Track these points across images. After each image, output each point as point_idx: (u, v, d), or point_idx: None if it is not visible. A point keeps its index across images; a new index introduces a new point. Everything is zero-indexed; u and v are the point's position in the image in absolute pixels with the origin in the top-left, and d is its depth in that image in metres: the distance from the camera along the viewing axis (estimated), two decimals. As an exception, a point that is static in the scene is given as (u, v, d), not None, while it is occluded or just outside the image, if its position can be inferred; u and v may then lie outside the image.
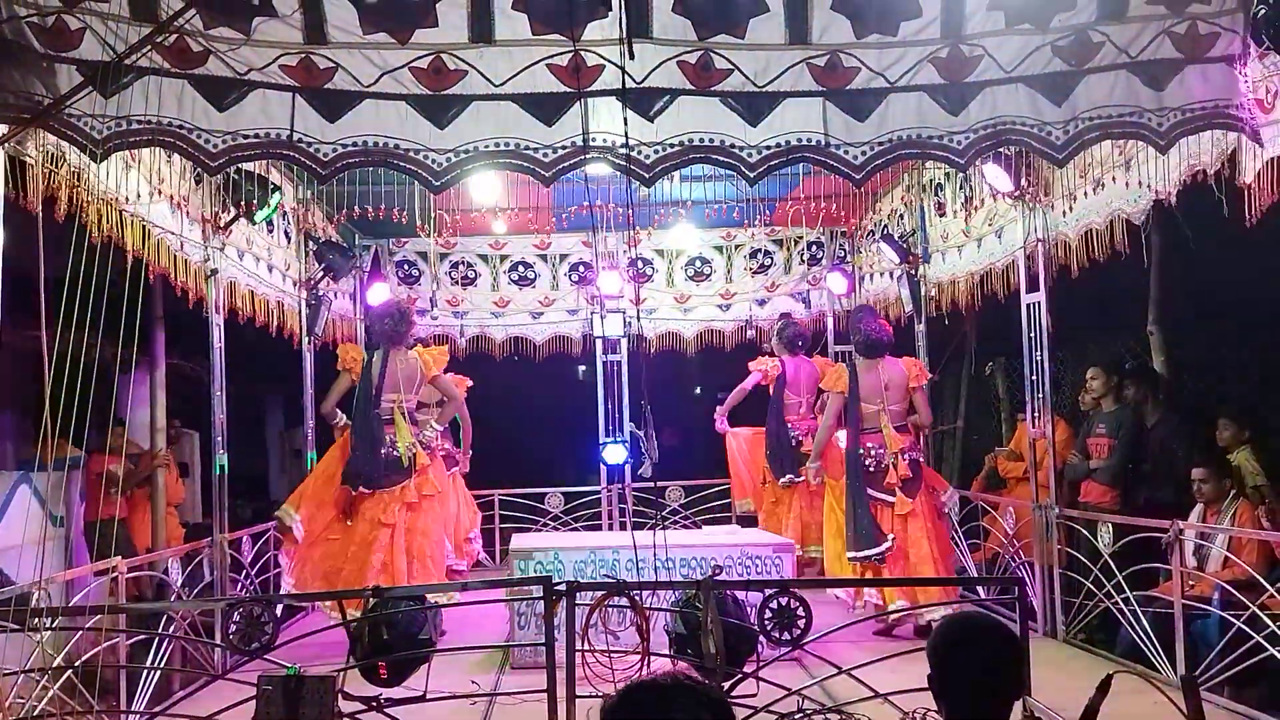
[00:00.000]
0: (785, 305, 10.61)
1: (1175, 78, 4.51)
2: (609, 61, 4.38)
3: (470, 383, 8.32)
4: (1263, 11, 4.28)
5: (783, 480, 8.58)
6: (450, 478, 7.84)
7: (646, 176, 4.60)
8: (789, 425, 8.79)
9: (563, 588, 4.37)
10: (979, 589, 7.28)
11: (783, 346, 9.07)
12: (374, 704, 4.12)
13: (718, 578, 4.64)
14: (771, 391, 9.00)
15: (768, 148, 4.57)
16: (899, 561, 6.70)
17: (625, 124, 4.34)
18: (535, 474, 11.06)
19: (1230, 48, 4.47)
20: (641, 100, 4.46)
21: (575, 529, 10.05)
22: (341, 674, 4.02)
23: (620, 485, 9.80)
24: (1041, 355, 6.79)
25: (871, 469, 6.85)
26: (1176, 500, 6.56)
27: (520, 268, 10.44)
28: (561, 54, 4.39)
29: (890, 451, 6.82)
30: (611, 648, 4.50)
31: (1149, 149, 4.84)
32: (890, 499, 6.78)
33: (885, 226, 9.34)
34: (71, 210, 4.59)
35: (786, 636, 4.60)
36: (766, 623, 4.59)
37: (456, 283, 10.40)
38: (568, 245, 10.39)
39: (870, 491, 6.81)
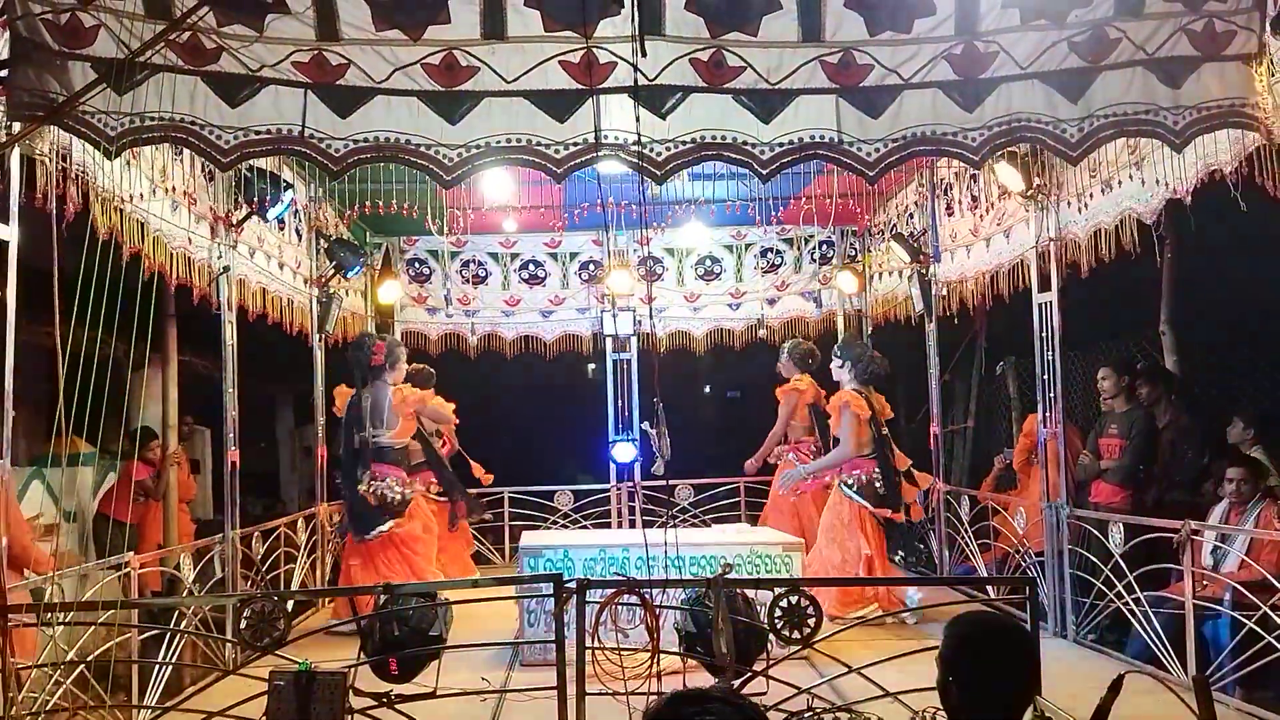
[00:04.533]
0: (795, 304, 10.60)
1: (1192, 75, 4.48)
2: (621, 59, 4.37)
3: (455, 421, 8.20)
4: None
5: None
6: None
7: (658, 174, 4.58)
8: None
9: (573, 585, 4.37)
10: (989, 589, 7.26)
11: (794, 367, 8.82)
12: (385, 700, 4.13)
13: (728, 576, 4.63)
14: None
15: (780, 145, 4.55)
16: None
17: (637, 121, 4.33)
18: (545, 472, 11.07)
19: (1246, 46, 4.44)
20: (653, 97, 4.45)
21: (585, 527, 10.05)
22: (353, 670, 4.02)
23: (630, 483, 9.80)
24: (1053, 355, 6.77)
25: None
26: (1189, 500, 6.54)
27: (531, 266, 10.44)
28: (574, 51, 4.38)
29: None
30: (621, 645, 4.50)
31: (1162, 148, 4.82)
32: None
33: (895, 225, 9.33)
34: (82, 208, 4.61)
35: (796, 635, 4.59)
36: (776, 621, 4.58)
37: (467, 281, 10.40)
38: (578, 243, 10.39)
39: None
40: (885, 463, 7.28)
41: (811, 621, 4.57)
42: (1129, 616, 5.91)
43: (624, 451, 9.67)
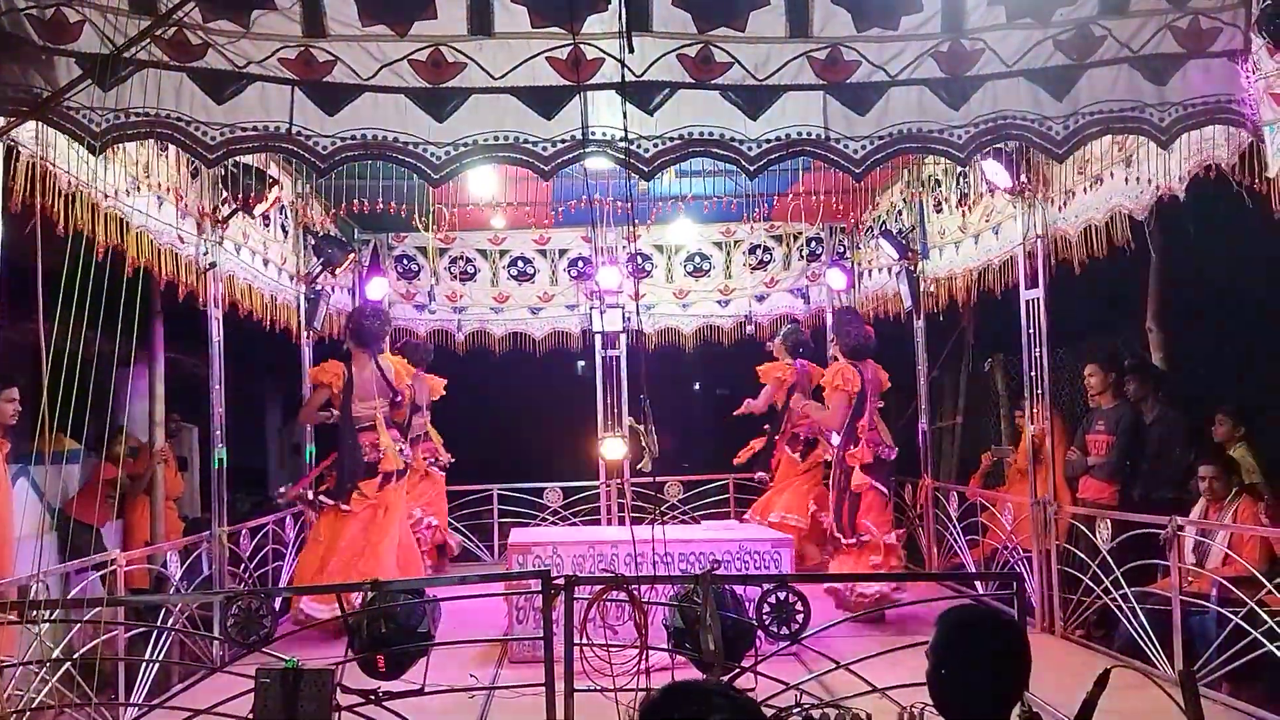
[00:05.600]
0: (784, 301, 10.61)
1: (1177, 72, 4.51)
2: (608, 55, 4.38)
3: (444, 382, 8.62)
4: (1267, 6, 4.26)
5: None
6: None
7: (646, 170, 4.59)
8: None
9: (561, 582, 4.37)
10: (977, 584, 7.28)
11: (786, 352, 9.02)
12: (372, 697, 4.12)
13: (716, 572, 4.64)
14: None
15: (768, 141, 4.57)
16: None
17: (625, 118, 4.34)
18: (534, 469, 11.05)
19: (1232, 42, 4.46)
20: (641, 94, 4.46)
21: (574, 524, 10.05)
22: (340, 667, 4.01)
23: (619, 480, 9.80)
24: (1040, 351, 6.79)
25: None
26: (1175, 496, 6.56)
27: (519, 263, 10.43)
28: (561, 47, 4.38)
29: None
30: (609, 642, 4.50)
31: (1152, 144, 4.82)
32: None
33: (884, 222, 9.34)
34: (63, 204, 4.57)
35: (784, 631, 4.60)
36: (765, 617, 4.59)
37: (455, 278, 10.39)
38: (567, 240, 10.38)
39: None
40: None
41: (800, 617, 4.58)
42: (1116, 612, 5.94)
43: (613, 448, 9.66)
